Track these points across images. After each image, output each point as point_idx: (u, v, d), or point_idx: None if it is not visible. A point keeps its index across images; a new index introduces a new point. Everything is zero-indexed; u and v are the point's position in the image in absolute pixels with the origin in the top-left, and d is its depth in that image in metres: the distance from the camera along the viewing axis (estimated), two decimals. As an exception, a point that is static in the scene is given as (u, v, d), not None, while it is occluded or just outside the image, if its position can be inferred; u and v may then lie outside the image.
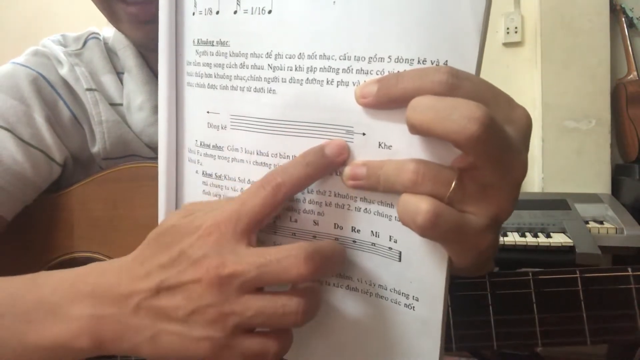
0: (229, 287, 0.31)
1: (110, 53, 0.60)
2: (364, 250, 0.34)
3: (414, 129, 0.28)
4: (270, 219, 0.34)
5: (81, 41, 0.60)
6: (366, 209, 0.33)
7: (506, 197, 0.29)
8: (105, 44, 0.60)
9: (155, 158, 0.57)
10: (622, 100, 1.65)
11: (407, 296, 0.33)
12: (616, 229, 1.35)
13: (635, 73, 1.65)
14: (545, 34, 1.69)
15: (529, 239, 1.27)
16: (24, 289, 0.37)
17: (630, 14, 1.68)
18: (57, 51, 0.57)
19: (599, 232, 1.35)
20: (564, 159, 1.66)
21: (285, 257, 0.31)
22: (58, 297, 0.35)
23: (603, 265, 1.34)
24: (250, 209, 0.32)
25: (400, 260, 0.32)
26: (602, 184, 1.64)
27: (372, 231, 0.33)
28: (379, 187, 0.31)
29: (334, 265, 0.33)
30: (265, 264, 0.31)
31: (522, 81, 1.76)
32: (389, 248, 0.33)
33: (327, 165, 0.32)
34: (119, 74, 0.59)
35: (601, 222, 1.41)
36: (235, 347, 0.32)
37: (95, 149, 0.56)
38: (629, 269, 0.41)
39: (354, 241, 0.34)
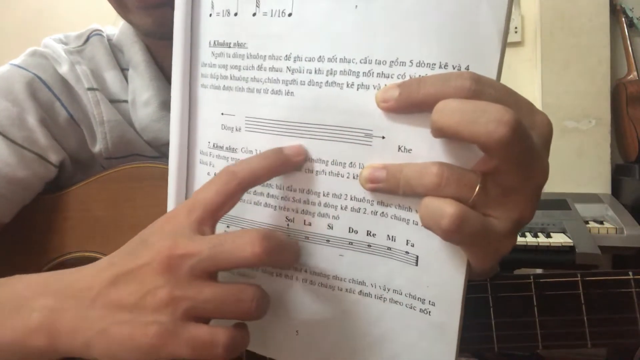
0: (180, 269, 0.31)
1: (114, 49, 0.59)
2: (379, 255, 0.34)
3: (440, 131, 0.28)
4: (228, 209, 0.34)
5: (83, 38, 0.59)
6: (383, 212, 0.32)
7: (528, 201, 0.29)
8: (109, 40, 0.60)
9: (158, 157, 0.57)
10: (622, 100, 1.64)
11: (422, 301, 0.33)
12: (616, 229, 1.35)
13: (635, 73, 1.65)
14: (545, 34, 1.68)
15: (529, 239, 1.27)
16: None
17: (630, 14, 1.67)
18: (57, 49, 0.56)
19: (599, 232, 1.35)
20: (564, 159, 1.66)
21: (240, 236, 0.31)
22: (29, 291, 0.35)
23: (603, 265, 1.34)
24: (204, 197, 0.33)
25: (417, 265, 0.32)
26: (602, 184, 1.65)
27: (388, 235, 0.33)
28: (398, 190, 0.30)
29: (289, 253, 0.34)
30: (220, 244, 0.31)
31: (522, 81, 1.76)
32: (406, 252, 0.32)
33: (284, 161, 0.33)
34: (123, 71, 0.58)
35: (601, 222, 1.41)
36: (182, 335, 0.31)
37: (97, 149, 0.55)
38: (630, 273, 0.41)
39: (369, 245, 0.34)
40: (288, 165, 0.33)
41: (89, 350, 0.32)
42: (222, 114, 0.36)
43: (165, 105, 0.55)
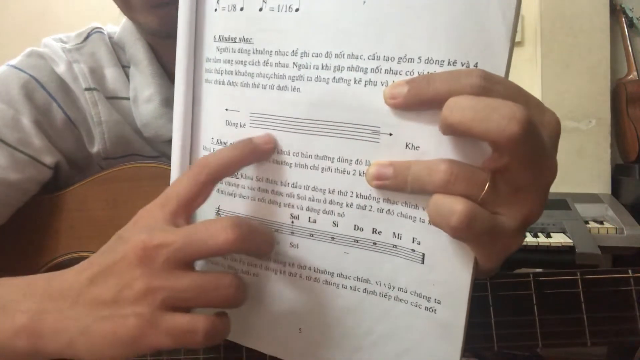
0: (156, 260, 0.31)
1: (115, 47, 0.59)
2: (385, 253, 0.33)
3: (450, 128, 0.28)
4: (202, 200, 0.34)
5: (83, 36, 0.59)
6: (389, 210, 0.32)
7: (537, 199, 0.29)
8: (110, 38, 0.59)
9: (157, 157, 0.57)
10: (622, 100, 1.64)
11: (428, 299, 0.32)
12: (616, 229, 1.35)
13: (635, 73, 1.65)
14: (545, 34, 1.68)
15: (529, 239, 1.27)
16: None
17: (630, 14, 1.67)
18: (56, 48, 0.56)
19: (599, 232, 1.35)
20: (564, 159, 1.66)
21: (213, 224, 0.32)
22: (13, 294, 0.35)
23: (603, 265, 1.34)
24: (177, 190, 0.34)
25: (423, 263, 0.32)
26: (602, 184, 1.64)
27: (394, 233, 0.33)
28: (406, 187, 0.30)
29: (263, 240, 0.34)
30: (193, 233, 0.32)
31: (522, 81, 1.74)
32: (412, 250, 0.32)
33: (254, 149, 0.34)
34: (124, 68, 0.58)
35: (601, 222, 1.41)
36: (162, 324, 0.31)
37: (95, 149, 0.55)
38: (629, 271, 0.41)
39: (375, 243, 0.33)
40: (258, 154, 0.34)
41: (73, 350, 0.33)
42: (227, 109, 0.36)
43: (168, 102, 0.55)
